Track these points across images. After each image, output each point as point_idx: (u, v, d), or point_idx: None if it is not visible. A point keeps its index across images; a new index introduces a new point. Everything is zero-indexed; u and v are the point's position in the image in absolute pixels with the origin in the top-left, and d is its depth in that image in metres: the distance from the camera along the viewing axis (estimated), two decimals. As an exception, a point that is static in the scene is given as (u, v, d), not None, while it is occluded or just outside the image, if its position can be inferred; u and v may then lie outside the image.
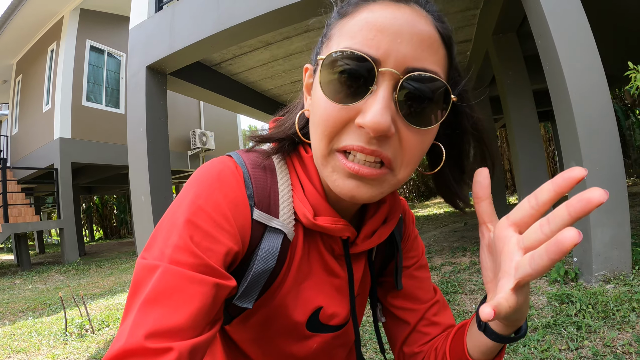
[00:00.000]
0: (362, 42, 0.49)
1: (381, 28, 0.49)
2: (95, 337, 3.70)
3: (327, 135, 0.52)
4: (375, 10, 0.51)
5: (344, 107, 0.50)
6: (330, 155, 0.54)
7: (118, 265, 9.25)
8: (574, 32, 3.28)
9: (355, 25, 0.51)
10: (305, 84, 0.63)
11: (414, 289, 0.80)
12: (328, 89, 0.51)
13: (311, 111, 0.57)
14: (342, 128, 0.52)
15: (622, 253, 3.19)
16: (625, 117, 12.45)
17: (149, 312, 0.45)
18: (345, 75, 0.50)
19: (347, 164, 0.52)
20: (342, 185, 0.54)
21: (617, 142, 3.22)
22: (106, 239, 21.14)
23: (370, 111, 0.48)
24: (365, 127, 0.49)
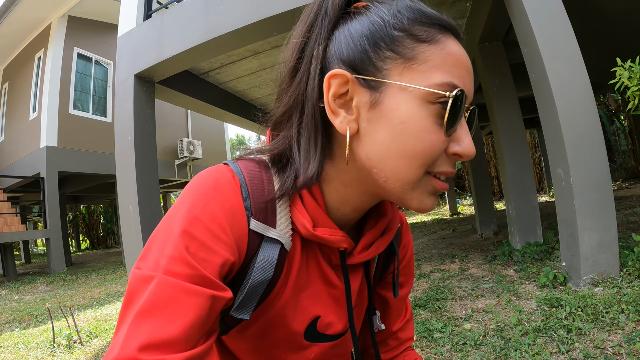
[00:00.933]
0: (459, 80, 0.53)
1: (466, 68, 0.54)
2: (83, 348, 3.65)
3: (426, 164, 0.54)
4: (454, 45, 0.54)
5: (447, 140, 0.54)
6: (422, 180, 0.55)
7: (105, 275, 9.14)
8: (559, 41, 3.34)
9: (448, 57, 0.53)
10: (333, 93, 0.54)
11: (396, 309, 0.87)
12: (436, 120, 0.52)
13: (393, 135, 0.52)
14: (440, 156, 0.55)
15: (609, 256, 3.23)
16: (610, 123, 12.66)
17: (142, 324, 0.44)
18: (456, 111, 0.52)
19: (441, 184, 0.57)
20: (429, 202, 0.58)
21: (603, 148, 3.28)
22: (93, 249, 20.87)
23: (464, 142, 0.54)
24: (464, 155, 0.55)
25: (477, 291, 3.82)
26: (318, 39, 0.57)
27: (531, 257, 4.50)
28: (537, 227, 5.10)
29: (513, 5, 3.66)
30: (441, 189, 0.57)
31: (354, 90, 0.54)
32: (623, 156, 12.91)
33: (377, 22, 0.53)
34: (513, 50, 5.24)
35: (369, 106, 0.53)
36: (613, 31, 5.21)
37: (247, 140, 40.81)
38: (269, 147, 0.63)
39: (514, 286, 3.73)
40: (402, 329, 0.88)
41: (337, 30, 0.57)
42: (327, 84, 0.54)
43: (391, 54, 0.52)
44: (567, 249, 3.50)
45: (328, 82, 0.54)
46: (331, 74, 0.53)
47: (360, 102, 0.54)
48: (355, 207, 0.64)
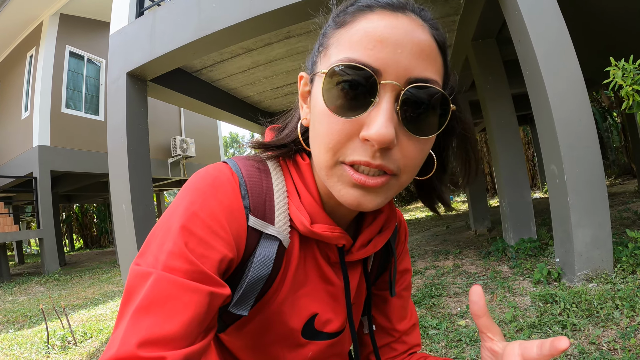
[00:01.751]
0: (362, 53, 0.48)
1: (381, 39, 0.48)
2: (78, 349, 3.63)
3: (332, 148, 0.51)
4: (374, 20, 0.50)
5: (347, 121, 0.49)
6: (336, 167, 0.53)
7: (99, 275, 9.10)
8: (552, 37, 3.35)
9: (354, 35, 0.50)
10: (301, 92, 0.61)
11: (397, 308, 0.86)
12: (330, 101, 0.50)
13: (312, 122, 0.56)
14: (347, 141, 0.51)
15: (603, 252, 3.25)
16: (602, 120, 12.74)
17: (141, 320, 0.44)
18: (347, 87, 0.49)
19: (354, 175, 0.51)
20: (347, 195, 0.53)
21: (597, 144, 3.29)
22: (86, 249, 20.75)
23: (374, 124, 0.48)
24: (371, 139, 0.48)
25: (471, 287, 3.82)
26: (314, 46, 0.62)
27: (525, 253, 4.52)
28: (531, 223, 5.12)
29: (507, 2, 3.66)
30: (357, 181, 0.51)
31: (310, 87, 0.59)
32: (616, 152, 13.00)
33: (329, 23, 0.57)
34: (506, 47, 5.25)
35: (310, 98, 0.59)
36: (606, 28, 5.23)
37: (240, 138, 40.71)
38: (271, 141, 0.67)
39: (508, 282, 3.74)
40: (408, 332, 0.87)
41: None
42: (298, 85, 0.62)
43: (320, 48, 0.57)
44: (561, 245, 3.51)
45: (299, 83, 0.62)
46: (299, 76, 0.62)
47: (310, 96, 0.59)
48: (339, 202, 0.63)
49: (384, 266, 0.82)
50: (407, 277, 0.87)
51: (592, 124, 3.30)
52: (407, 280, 0.87)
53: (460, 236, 7.22)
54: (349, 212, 0.65)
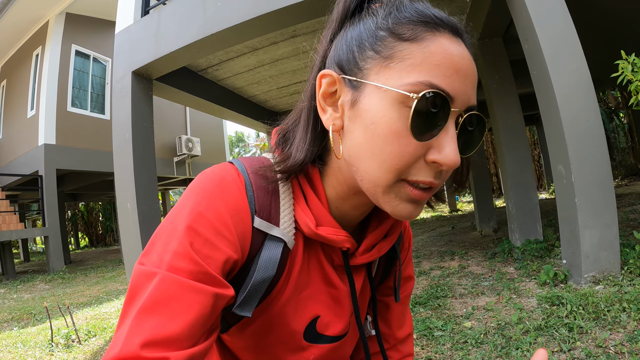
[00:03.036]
0: (442, 80, 0.48)
1: (456, 68, 0.49)
2: (82, 347, 3.63)
3: (399, 169, 0.51)
4: (445, 44, 0.49)
5: (420, 144, 0.49)
6: (395, 185, 0.52)
7: (104, 273, 9.13)
8: (560, 37, 3.32)
9: (431, 56, 0.49)
10: (323, 92, 0.56)
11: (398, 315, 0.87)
12: (405, 122, 0.49)
13: (361, 134, 0.52)
14: (414, 163, 0.51)
15: (610, 254, 3.22)
16: (609, 120, 12.66)
17: (145, 320, 0.44)
18: (426, 113, 0.48)
19: (415, 192, 0.52)
20: (404, 209, 0.54)
21: (604, 145, 3.26)
22: (92, 247, 20.88)
23: (446, 149, 0.49)
24: (444, 164, 0.49)
25: (477, 289, 3.80)
26: (322, 45, 0.60)
27: (531, 254, 4.49)
28: (537, 224, 5.08)
29: (514, 1, 3.63)
30: (417, 197, 0.53)
31: (341, 89, 0.55)
32: (622, 153, 12.92)
33: (369, 23, 0.53)
34: (513, 47, 5.22)
35: (350, 105, 0.53)
36: (613, 27, 5.19)
37: (246, 137, 40.74)
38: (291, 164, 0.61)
39: (514, 284, 3.72)
40: (404, 341, 0.89)
41: (339, 35, 0.57)
42: (319, 83, 0.56)
43: (372, 54, 0.51)
44: (568, 247, 3.48)
45: (319, 81, 0.56)
46: (321, 74, 0.55)
47: (344, 100, 0.55)
48: (353, 206, 0.64)
49: (387, 272, 0.82)
50: (410, 284, 0.88)
51: (599, 123, 3.27)
52: (409, 287, 0.88)
53: (465, 237, 7.19)
54: (352, 213, 0.65)
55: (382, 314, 0.86)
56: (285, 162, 0.59)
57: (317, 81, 0.56)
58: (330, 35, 0.59)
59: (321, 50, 0.60)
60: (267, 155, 0.67)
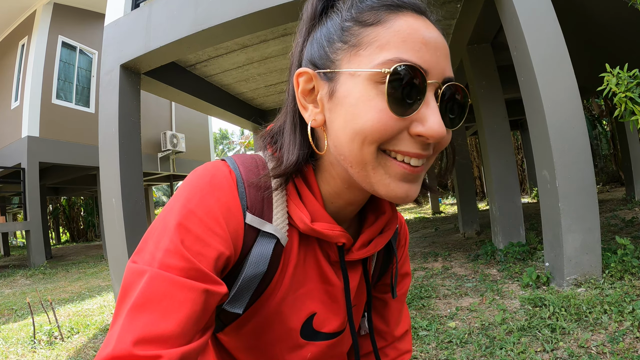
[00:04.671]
0: (412, 55, 0.50)
1: (424, 41, 0.51)
2: (64, 344, 3.58)
3: (378, 141, 0.51)
4: (410, 21, 0.52)
5: (401, 118, 0.50)
6: (379, 158, 0.53)
7: (86, 269, 9.01)
8: (549, 45, 3.38)
9: (397, 34, 0.50)
10: (302, 89, 0.58)
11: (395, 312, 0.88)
12: (382, 99, 0.50)
13: (340, 120, 0.54)
14: (396, 136, 0.52)
15: (592, 258, 3.29)
16: (592, 127, 12.89)
17: (137, 318, 0.44)
18: (404, 87, 0.49)
19: (404, 166, 0.53)
20: (397, 188, 0.54)
21: (588, 151, 3.33)
22: (73, 242, 20.54)
23: (429, 121, 0.50)
24: (428, 135, 0.50)
25: (460, 290, 3.85)
26: (296, 48, 0.62)
27: (514, 257, 4.56)
28: (520, 227, 5.16)
29: (504, 8, 3.68)
30: (408, 171, 0.53)
31: (318, 85, 0.57)
32: (604, 160, 13.16)
33: (335, 19, 0.56)
34: (501, 53, 5.30)
35: (328, 97, 0.55)
36: (601, 36, 5.28)
37: (230, 135, 40.49)
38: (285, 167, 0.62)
39: (497, 285, 3.77)
40: (401, 338, 0.89)
41: (310, 36, 0.60)
42: (296, 82, 0.58)
43: (341, 45, 0.54)
44: (551, 250, 3.54)
45: (296, 80, 0.58)
46: (297, 73, 0.57)
47: (322, 94, 0.56)
48: (348, 201, 0.64)
49: (384, 268, 0.82)
50: (406, 281, 0.88)
51: (584, 130, 3.34)
52: (406, 284, 0.88)
53: (449, 238, 7.26)
54: (346, 209, 0.65)
55: (380, 311, 0.87)
56: (279, 166, 0.59)
57: (295, 80, 0.58)
58: (303, 38, 0.60)
59: (296, 52, 0.62)
60: (259, 153, 0.67)
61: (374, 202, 0.71)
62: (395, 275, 0.79)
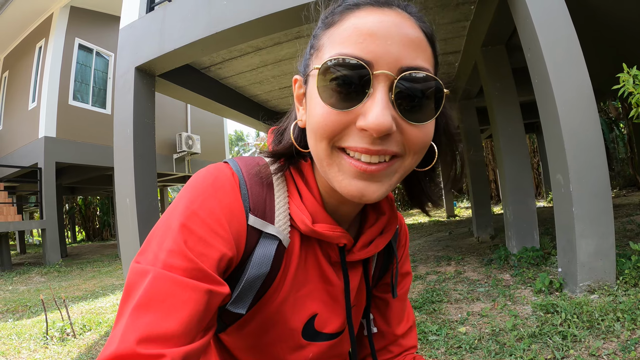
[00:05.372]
0: (353, 48, 0.50)
1: (370, 32, 0.50)
2: (76, 341, 3.63)
3: (327, 136, 0.53)
4: (361, 16, 0.52)
5: (343, 112, 0.51)
6: (334, 155, 0.54)
7: (100, 268, 9.12)
8: (563, 46, 3.34)
9: (344, 32, 0.52)
10: (296, 95, 0.63)
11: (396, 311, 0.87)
12: (325, 95, 0.51)
13: (308, 119, 0.57)
14: (342, 131, 0.52)
15: (606, 264, 3.23)
16: (609, 130, 12.68)
17: (140, 317, 0.45)
18: (341, 81, 0.50)
19: (354, 162, 0.52)
20: (350, 185, 0.54)
21: (603, 155, 3.27)
22: (88, 241, 20.81)
23: (370, 113, 0.49)
24: (368, 128, 0.49)
25: (472, 294, 3.82)
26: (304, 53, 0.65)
27: (527, 262, 4.50)
28: (534, 232, 5.10)
29: (518, 9, 3.65)
30: (359, 169, 0.52)
31: (304, 89, 0.61)
32: (621, 164, 12.93)
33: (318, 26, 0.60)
34: (515, 54, 5.23)
35: (305, 99, 0.60)
36: (617, 38, 5.21)
37: (245, 136, 40.68)
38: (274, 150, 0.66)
39: (509, 291, 3.73)
40: (405, 335, 0.88)
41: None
42: (293, 89, 0.64)
43: (312, 50, 0.59)
44: (564, 255, 3.49)
45: (293, 86, 0.64)
46: (293, 80, 0.64)
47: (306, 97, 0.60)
48: (342, 200, 0.64)
49: (385, 268, 0.82)
50: (407, 280, 0.88)
51: (599, 134, 3.29)
52: (407, 283, 0.88)
53: (462, 242, 7.20)
54: (350, 211, 0.66)
55: (381, 311, 0.87)
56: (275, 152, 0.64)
57: (293, 87, 0.64)
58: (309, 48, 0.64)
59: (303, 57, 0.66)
60: (261, 155, 0.68)
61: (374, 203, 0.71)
62: (395, 275, 0.79)
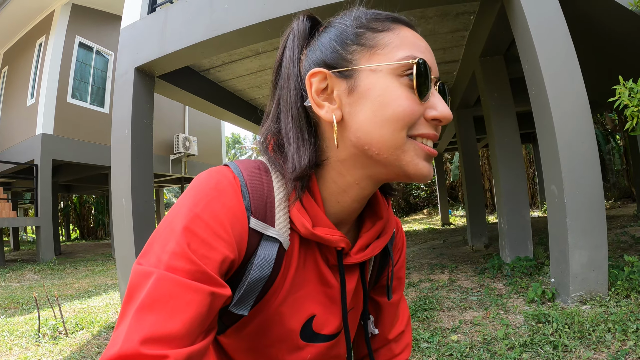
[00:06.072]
0: (418, 53, 0.60)
1: (424, 47, 0.62)
2: (68, 340, 3.63)
3: (407, 125, 0.59)
4: (409, 30, 0.63)
5: (421, 104, 0.59)
6: (408, 144, 0.60)
7: (94, 267, 9.09)
8: (560, 58, 3.37)
9: (406, 39, 0.61)
10: (316, 89, 0.61)
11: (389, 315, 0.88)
12: (404, 89, 0.58)
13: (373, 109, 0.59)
14: (418, 119, 0.60)
15: (598, 275, 3.25)
16: (605, 142, 12.75)
17: (144, 318, 0.45)
18: (422, 78, 0.58)
19: (428, 148, 0.61)
20: (424, 167, 0.61)
21: (598, 167, 3.30)
22: (82, 239, 20.75)
23: (440, 107, 0.61)
24: (442, 118, 0.61)
25: (465, 303, 3.83)
26: (292, 57, 0.65)
27: (521, 271, 4.52)
28: (528, 242, 5.12)
29: (516, 20, 3.68)
30: (430, 152, 0.61)
31: (333, 83, 0.61)
32: (617, 175, 13.00)
33: (341, 27, 0.63)
34: (513, 65, 5.28)
35: (347, 93, 0.60)
36: (614, 51, 5.25)
37: (242, 139, 40.72)
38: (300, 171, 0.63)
39: (502, 300, 3.75)
40: (396, 339, 0.89)
41: (308, 48, 0.66)
42: (309, 83, 0.62)
43: (357, 47, 0.61)
44: (557, 266, 3.52)
45: (309, 81, 0.62)
46: (311, 73, 0.61)
47: (340, 91, 0.61)
48: (354, 197, 0.66)
49: (382, 271, 0.84)
50: (401, 284, 0.90)
51: (594, 147, 3.32)
52: (401, 287, 0.90)
53: (456, 251, 7.22)
54: (351, 206, 0.67)
55: (375, 314, 0.88)
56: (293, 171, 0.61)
57: (307, 82, 0.61)
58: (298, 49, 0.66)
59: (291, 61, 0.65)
60: (262, 158, 0.69)
61: (371, 207, 0.74)
62: (390, 278, 0.81)
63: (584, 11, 4.13)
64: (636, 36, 4.35)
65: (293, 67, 0.65)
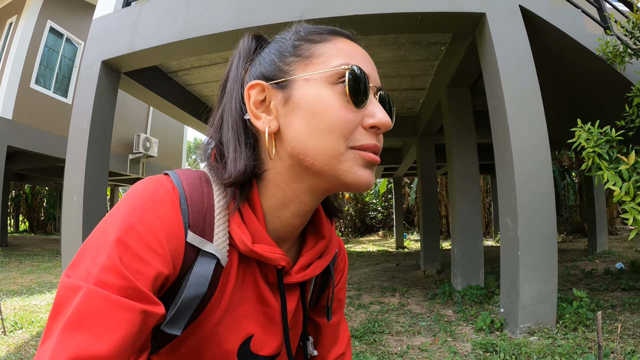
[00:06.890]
0: (355, 62, 0.59)
1: (362, 56, 0.62)
2: (6, 339, 3.44)
3: (344, 135, 0.57)
4: (347, 41, 0.63)
5: (357, 111, 0.58)
6: (347, 153, 0.58)
7: (40, 262, 8.71)
8: (525, 96, 3.49)
9: (343, 49, 0.61)
10: (254, 101, 0.62)
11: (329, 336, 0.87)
12: (339, 97, 0.58)
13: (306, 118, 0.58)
14: (355, 129, 0.58)
15: (547, 307, 3.34)
16: (561, 178, 13.24)
17: (71, 337, 0.43)
18: (357, 85, 0.58)
19: (370, 155, 0.60)
20: (364, 175, 0.60)
21: (553, 203, 3.41)
22: (31, 232, 19.89)
23: (379, 114, 0.60)
24: (380, 126, 0.60)
25: (414, 328, 3.85)
26: (236, 74, 0.66)
27: (471, 299, 4.60)
28: (480, 270, 5.22)
29: (486, 55, 3.79)
30: (371, 159, 0.60)
31: (270, 94, 0.62)
32: (570, 210, 13.49)
33: (281, 40, 0.65)
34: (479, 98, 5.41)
35: (283, 103, 0.60)
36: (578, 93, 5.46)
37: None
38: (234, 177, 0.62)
39: (451, 327, 3.78)
40: None
41: (251, 64, 0.67)
42: (247, 95, 0.62)
43: (293, 58, 0.62)
44: (507, 296, 3.59)
45: (248, 93, 0.62)
46: (249, 86, 0.62)
47: (276, 102, 0.61)
48: (295, 212, 0.64)
49: (322, 292, 0.83)
50: (341, 306, 0.89)
51: (550, 182, 3.43)
52: (341, 309, 0.89)
53: (409, 275, 7.30)
54: (293, 221, 0.66)
55: (315, 335, 0.86)
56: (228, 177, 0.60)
57: (246, 94, 0.62)
58: (242, 66, 0.67)
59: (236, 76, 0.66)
60: (202, 167, 0.68)
61: (314, 226, 0.73)
62: (331, 299, 0.80)
63: (554, 52, 4.29)
64: (600, 81, 4.55)
65: (236, 83, 0.66)
